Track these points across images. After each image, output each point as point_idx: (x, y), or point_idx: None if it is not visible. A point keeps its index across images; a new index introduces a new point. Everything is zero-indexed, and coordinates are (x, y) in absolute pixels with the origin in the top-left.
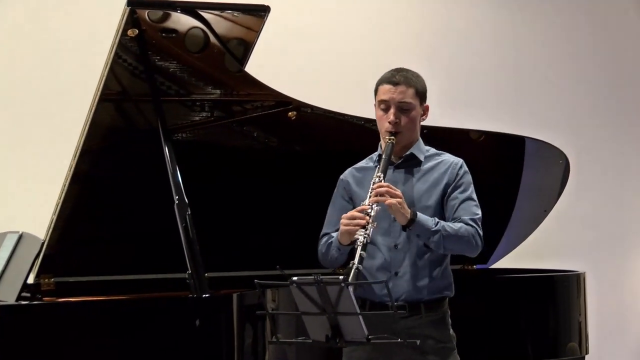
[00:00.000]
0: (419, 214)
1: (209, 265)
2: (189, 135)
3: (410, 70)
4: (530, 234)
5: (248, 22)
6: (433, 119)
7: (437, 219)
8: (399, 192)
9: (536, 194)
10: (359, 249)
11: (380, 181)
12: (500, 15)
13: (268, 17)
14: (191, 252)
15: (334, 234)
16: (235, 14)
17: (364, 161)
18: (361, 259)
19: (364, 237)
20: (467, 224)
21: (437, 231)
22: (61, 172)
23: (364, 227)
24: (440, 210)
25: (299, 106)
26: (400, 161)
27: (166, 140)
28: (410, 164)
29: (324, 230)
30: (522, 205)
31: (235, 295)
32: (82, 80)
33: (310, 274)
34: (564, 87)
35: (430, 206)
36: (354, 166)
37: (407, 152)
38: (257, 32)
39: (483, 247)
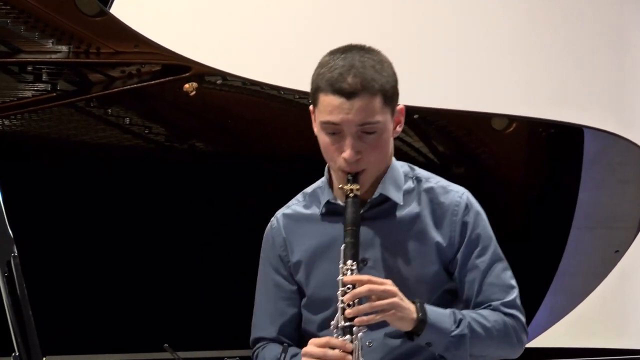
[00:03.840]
0: (428, 309)
1: (53, 343)
2: (13, 124)
3: (365, 53)
4: (591, 291)
5: None
6: (440, 101)
7: (456, 312)
8: (390, 288)
9: (602, 224)
10: None
11: (353, 273)
12: None
13: None
14: (19, 322)
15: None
16: None
17: (299, 200)
18: None
19: None
20: (504, 313)
21: (460, 337)
22: None
23: None
24: (446, 283)
25: (202, 73)
26: (365, 209)
27: None
28: (381, 210)
29: (257, 333)
30: (578, 242)
31: None
32: None
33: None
34: None
35: (427, 282)
36: (285, 211)
37: (375, 195)
38: None
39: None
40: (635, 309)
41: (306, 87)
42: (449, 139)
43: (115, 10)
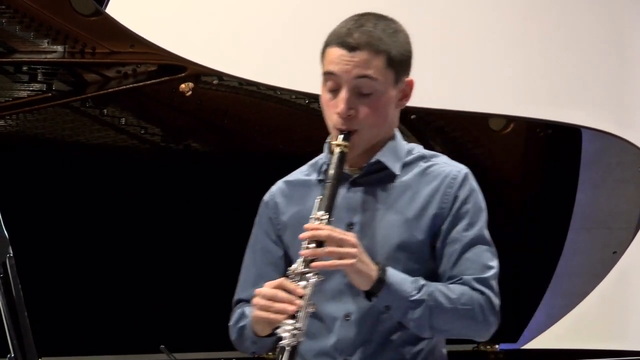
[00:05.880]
0: (389, 271)
1: (48, 344)
2: (9, 124)
3: (381, 20)
4: (589, 292)
5: None
6: (437, 102)
7: (420, 280)
8: (350, 238)
9: (600, 225)
10: (286, 355)
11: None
12: None
13: None
14: (15, 323)
15: (249, 311)
16: None
17: (303, 169)
18: None
19: (294, 335)
20: (473, 288)
21: (419, 302)
22: None
23: (293, 315)
24: (429, 259)
25: (198, 74)
26: (359, 174)
27: None
28: (376, 178)
29: (238, 295)
30: (576, 242)
31: None
32: None
33: None
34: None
35: (411, 252)
36: (286, 178)
37: (372, 160)
38: None
39: (498, 323)
40: (634, 311)
41: (302, 87)
42: (447, 140)
43: (111, 10)
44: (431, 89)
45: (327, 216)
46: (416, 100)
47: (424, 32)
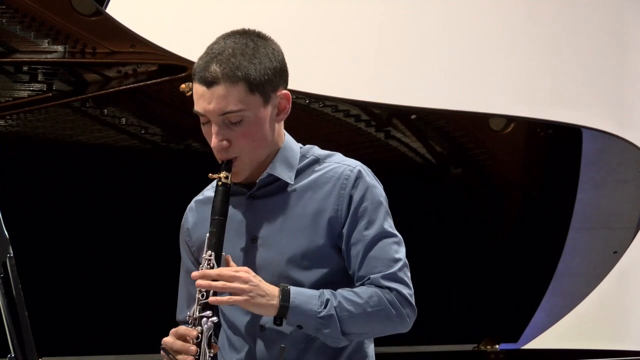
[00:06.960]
0: (293, 293)
1: (49, 344)
2: (9, 124)
3: (242, 39)
4: (590, 292)
5: None
6: (438, 102)
7: (326, 293)
8: (241, 275)
9: (601, 225)
10: None
11: (211, 266)
12: None
13: None
14: (15, 323)
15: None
16: None
17: (212, 185)
18: None
19: None
20: (382, 286)
21: (328, 317)
22: None
23: None
24: (337, 258)
25: None
26: (255, 188)
27: None
28: (272, 189)
29: (177, 316)
30: (576, 242)
31: None
32: None
33: None
34: None
35: (314, 257)
36: (197, 197)
37: (263, 175)
38: None
39: (416, 314)
40: (634, 311)
41: (301, 86)
42: (447, 140)
43: (112, 9)
44: (431, 89)
45: (214, 255)
46: (416, 100)
47: (425, 32)
